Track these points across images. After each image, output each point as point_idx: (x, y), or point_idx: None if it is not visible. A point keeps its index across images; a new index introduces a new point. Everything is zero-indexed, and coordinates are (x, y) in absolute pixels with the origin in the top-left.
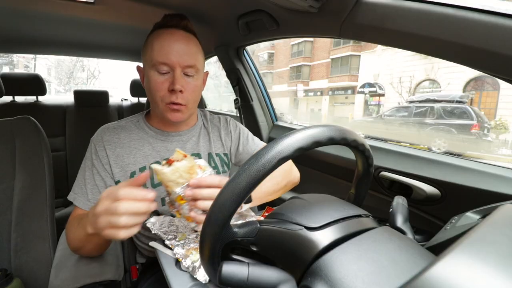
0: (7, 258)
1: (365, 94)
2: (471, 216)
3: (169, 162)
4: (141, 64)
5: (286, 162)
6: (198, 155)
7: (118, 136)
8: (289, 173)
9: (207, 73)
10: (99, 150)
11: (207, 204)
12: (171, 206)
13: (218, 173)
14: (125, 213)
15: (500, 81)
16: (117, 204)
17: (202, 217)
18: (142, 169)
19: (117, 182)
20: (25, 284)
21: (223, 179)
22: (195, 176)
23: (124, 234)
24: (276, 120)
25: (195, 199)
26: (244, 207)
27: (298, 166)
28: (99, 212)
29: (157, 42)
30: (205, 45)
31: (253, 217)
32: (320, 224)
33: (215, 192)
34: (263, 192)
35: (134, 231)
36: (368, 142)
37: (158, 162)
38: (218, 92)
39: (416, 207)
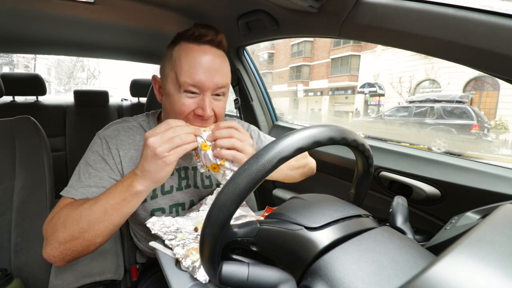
0: (7, 258)
1: (365, 94)
2: (471, 216)
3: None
4: (152, 70)
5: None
6: None
7: (134, 138)
8: (306, 155)
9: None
10: (112, 148)
11: (227, 142)
12: (197, 157)
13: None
14: (181, 133)
15: (500, 81)
16: (172, 129)
17: (226, 152)
18: None
19: None
20: (25, 284)
21: (237, 122)
22: None
23: (186, 148)
24: (276, 120)
25: (215, 139)
26: None
27: None
28: (156, 144)
29: (186, 60)
30: None
31: (253, 217)
32: (320, 224)
33: (232, 131)
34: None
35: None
36: (368, 142)
37: None
38: None
39: (416, 207)
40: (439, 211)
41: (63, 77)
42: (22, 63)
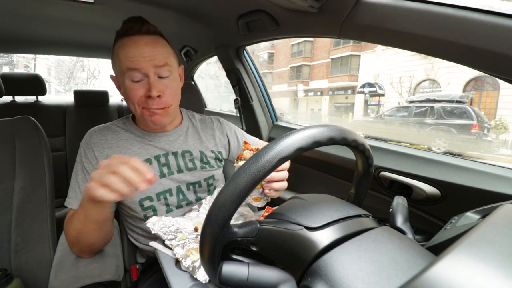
0: (7, 258)
1: (365, 94)
2: (471, 216)
3: (240, 157)
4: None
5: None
6: (189, 152)
7: (105, 137)
8: None
9: (182, 67)
10: (88, 152)
11: (280, 185)
12: None
13: (211, 168)
14: (120, 175)
15: (500, 81)
16: (119, 165)
17: (275, 193)
18: None
19: None
20: (25, 284)
21: (287, 163)
22: None
23: (108, 196)
24: (276, 120)
25: (271, 181)
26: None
27: (298, 166)
28: (101, 167)
29: (122, 52)
30: (205, 45)
31: (253, 217)
32: (320, 224)
33: (285, 174)
34: None
35: (114, 197)
36: (368, 142)
37: (149, 160)
38: (218, 92)
39: (416, 207)
40: (439, 211)
41: (63, 77)
42: (22, 63)
